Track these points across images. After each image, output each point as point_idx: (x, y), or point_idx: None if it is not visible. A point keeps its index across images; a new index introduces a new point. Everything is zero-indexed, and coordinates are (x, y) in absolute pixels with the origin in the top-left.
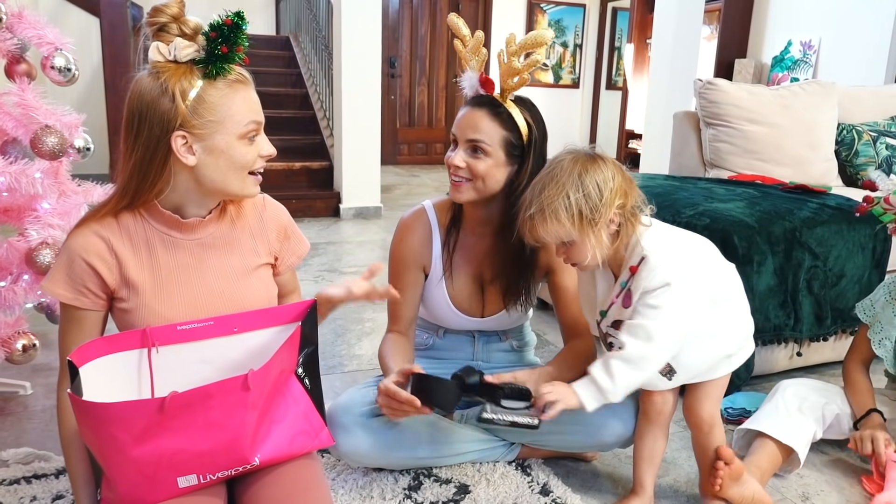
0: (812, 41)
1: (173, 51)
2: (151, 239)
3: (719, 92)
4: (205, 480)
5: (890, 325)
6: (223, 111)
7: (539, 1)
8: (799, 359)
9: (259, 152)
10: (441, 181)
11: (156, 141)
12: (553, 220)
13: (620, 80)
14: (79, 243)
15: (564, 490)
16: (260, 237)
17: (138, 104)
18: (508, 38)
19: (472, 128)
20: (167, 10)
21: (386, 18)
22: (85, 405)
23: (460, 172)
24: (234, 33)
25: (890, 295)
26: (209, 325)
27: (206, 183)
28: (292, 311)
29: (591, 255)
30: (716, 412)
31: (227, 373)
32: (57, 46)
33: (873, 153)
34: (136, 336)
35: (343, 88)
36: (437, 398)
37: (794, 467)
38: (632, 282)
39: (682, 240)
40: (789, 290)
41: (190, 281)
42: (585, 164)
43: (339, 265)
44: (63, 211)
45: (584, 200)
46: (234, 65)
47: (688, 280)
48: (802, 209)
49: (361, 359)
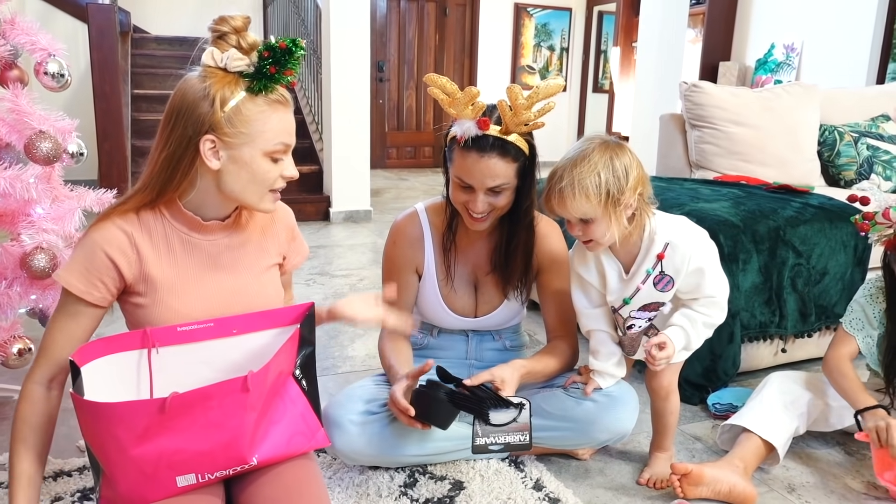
0: (795, 44)
1: (225, 59)
2: (171, 237)
3: (704, 94)
4: (203, 480)
5: (870, 325)
6: (257, 126)
7: (526, 5)
8: (784, 355)
9: (282, 172)
10: (430, 184)
11: (187, 140)
12: (582, 195)
13: (607, 83)
14: (101, 236)
15: (557, 485)
16: (272, 237)
17: (180, 102)
18: (513, 92)
19: (491, 177)
20: (231, 22)
21: (374, 23)
22: (88, 405)
23: (482, 213)
24: (285, 57)
25: (871, 297)
26: (209, 327)
27: (226, 190)
28: (291, 314)
29: (608, 235)
30: (674, 381)
31: (226, 374)
32: (50, 52)
33: (855, 154)
34: (136, 337)
35: (332, 92)
36: (433, 415)
37: (773, 463)
38: (660, 266)
39: (686, 223)
40: (774, 287)
41: (206, 279)
42: (615, 149)
43: (331, 268)
44: (57, 216)
45: (613, 181)
46: (278, 85)
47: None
48: (786, 209)
49: (354, 360)
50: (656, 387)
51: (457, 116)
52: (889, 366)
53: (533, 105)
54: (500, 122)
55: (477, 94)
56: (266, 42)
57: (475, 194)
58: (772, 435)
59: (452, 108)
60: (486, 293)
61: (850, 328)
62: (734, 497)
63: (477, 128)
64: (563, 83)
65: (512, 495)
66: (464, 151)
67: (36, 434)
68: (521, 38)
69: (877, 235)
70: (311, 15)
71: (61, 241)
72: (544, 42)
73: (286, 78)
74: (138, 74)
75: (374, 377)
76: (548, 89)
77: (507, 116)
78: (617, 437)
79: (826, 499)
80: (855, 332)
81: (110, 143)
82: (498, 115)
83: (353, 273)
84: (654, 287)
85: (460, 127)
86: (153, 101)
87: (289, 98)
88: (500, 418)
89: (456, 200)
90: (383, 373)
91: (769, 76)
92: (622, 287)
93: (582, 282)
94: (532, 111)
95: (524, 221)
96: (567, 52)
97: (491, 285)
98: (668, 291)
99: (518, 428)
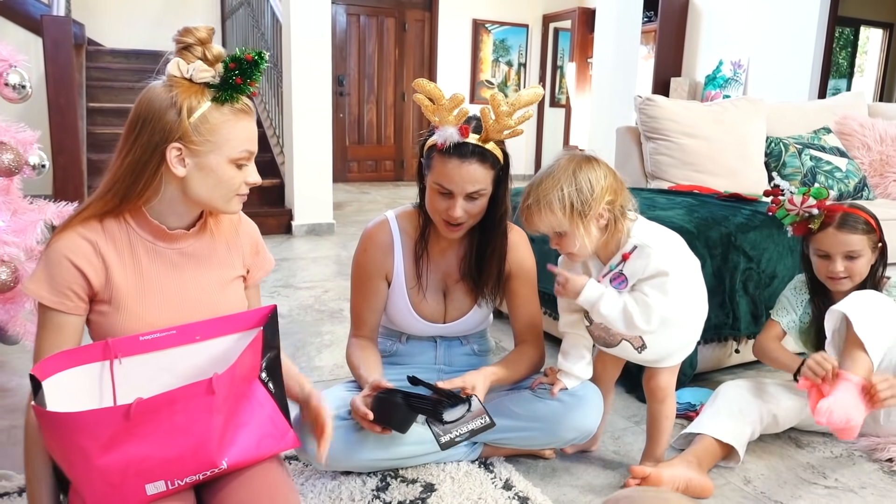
0: (742, 61)
1: (191, 70)
2: (135, 246)
3: (658, 108)
4: (173, 486)
5: (794, 310)
6: (223, 134)
7: (484, 21)
8: (738, 355)
9: (245, 179)
10: (392, 198)
11: (153, 147)
12: (547, 210)
13: (563, 98)
14: (65, 245)
15: (526, 484)
16: (235, 250)
17: (146, 109)
18: (495, 100)
19: (471, 182)
20: (196, 34)
21: (334, 37)
22: (50, 416)
23: (460, 220)
24: (251, 68)
25: (795, 289)
26: (171, 335)
27: (192, 195)
28: (253, 317)
29: (580, 245)
30: (672, 383)
31: (190, 380)
32: (11, 63)
33: (799, 164)
34: (97, 349)
35: (293, 106)
36: (392, 419)
37: (734, 462)
38: (623, 266)
39: (666, 233)
40: (727, 290)
41: (171, 289)
42: (580, 163)
43: (294, 281)
44: (18, 228)
45: (575, 194)
46: (243, 95)
47: (681, 268)
48: (737, 215)
49: (322, 370)
50: (654, 387)
51: (439, 124)
52: (815, 349)
53: (515, 112)
54: (480, 130)
55: (462, 100)
56: (232, 54)
57: (454, 200)
58: (729, 436)
59: (436, 114)
60: (456, 299)
61: (776, 316)
62: (691, 490)
63: (459, 134)
64: (542, 92)
65: (483, 495)
66: (444, 158)
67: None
68: (479, 53)
69: (789, 223)
70: (271, 29)
71: (23, 255)
72: (502, 57)
73: (250, 88)
74: (93, 88)
75: (346, 384)
76: (528, 97)
77: (488, 124)
78: (583, 436)
79: (780, 489)
80: (780, 318)
81: (66, 157)
82: (477, 123)
83: (318, 285)
84: (609, 283)
85: (442, 134)
86: (109, 115)
87: (252, 107)
88: (454, 414)
89: (433, 208)
90: (353, 380)
91: (718, 91)
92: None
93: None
94: (513, 119)
95: (499, 229)
96: (524, 67)
97: (460, 292)
98: (622, 290)
99: (475, 415)
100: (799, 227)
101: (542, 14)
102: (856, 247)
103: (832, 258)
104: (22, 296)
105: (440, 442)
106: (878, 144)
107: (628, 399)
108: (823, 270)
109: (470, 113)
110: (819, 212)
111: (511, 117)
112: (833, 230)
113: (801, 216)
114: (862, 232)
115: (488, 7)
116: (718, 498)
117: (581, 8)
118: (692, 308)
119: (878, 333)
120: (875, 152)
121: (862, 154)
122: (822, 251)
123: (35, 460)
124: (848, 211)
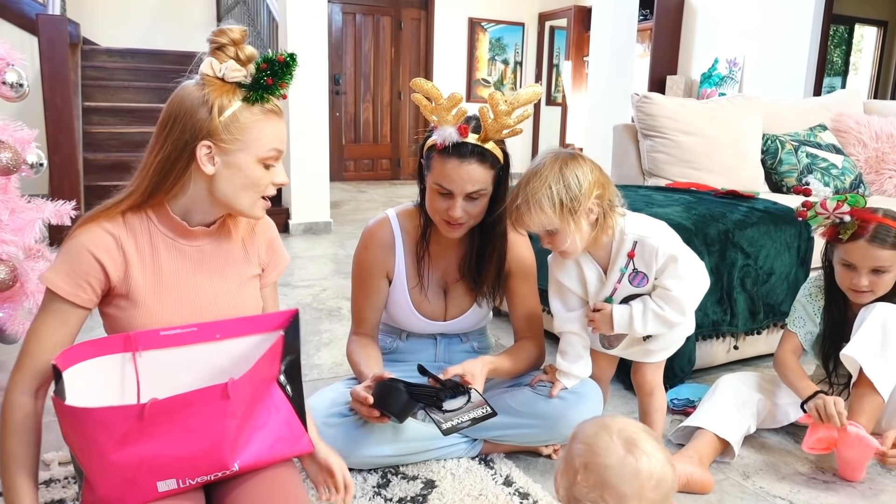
0: (737, 59)
1: (224, 70)
2: (156, 241)
3: (655, 105)
4: (184, 485)
5: (811, 322)
6: (252, 134)
7: (480, 19)
8: (736, 352)
9: (273, 179)
10: (388, 196)
11: (184, 144)
12: (537, 209)
13: (560, 96)
14: (88, 238)
15: (526, 480)
16: (252, 248)
17: (178, 107)
18: (494, 99)
19: (470, 182)
20: (230, 34)
21: (330, 36)
22: (68, 409)
23: (460, 220)
24: (282, 70)
25: (810, 295)
26: (192, 332)
27: (219, 195)
28: (275, 320)
29: (570, 242)
30: (659, 377)
31: (209, 379)
32: (8, 62)
33: (795, 161)
34: (118, 340)
35: (290, 105)
36: (392, 406)
37: (729, 457)
38: (632, 264)
39: (656, 222)
40: (725, 287)
41: (188, 286)
42: (566, 160)
43: (292, 280)
44: (16, 227)
45: (564, 191)
46: (273, 96)
47: (684, 248)
48: (734, 212)
49: (321, 368)
50: (640, 381)
51: (438, 123)
52: (827, 356)
53: (513, 111)
54: (479, 130)
55: (460, 99)
56: (264, 55)
57: (454, 200)
58: (727, 432)
59: (434, 114)
60: (456, 297)
61: (793, 326)
62: (692, 486)
63: (458, 134)
64: (541, 91)
65: (483, 491)
66: (444, 158)
67: (31, 451)
68: (475, 51)
69: (816, 226)
70: (267, 27)
71: (21, 253)
72: (498, 56)
73: (281, 90)
74: (89, 87)
75: (346, 381)
76: (527, 97)
77: (487, 123)
78: None
79: (778, 483)
80: (797, 329)
81: (61, 156)
82: (476, 123)
83: (316, 283)
84: (630, 284)
85: (441, 134)
86: (104, 114)
87: (281, 108)
88: (455, 404)
89: (433, 208)
90: (354, 376)
91: (713, 89)
92: (602, 288)
93: (560, 288)
94: (511, 118)
95: (498, 228)
96: (521, 65)
97: (460, 290)
98: (646, 286)
99: (476, 405)
100: (828, 231)
101: (538, 12)
102: (885, 263)
103: (858, 270)
104: (21, 295)
105: (442, 428)
106: (873, 141)
107: (626, 395)
108: (846, 281)
109: (468, 112)
110: (851, 220)
111: (510, 116)
112: (864, 243)
113: (833, 221)
114: (892, 247)
115: (484, 5)
116: (718, 493)
117: (577, 6)
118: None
119: (890, 370)
120: (871, 149)
121: (858, 151)
122: (849, 262)
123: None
124: (882, 222)
